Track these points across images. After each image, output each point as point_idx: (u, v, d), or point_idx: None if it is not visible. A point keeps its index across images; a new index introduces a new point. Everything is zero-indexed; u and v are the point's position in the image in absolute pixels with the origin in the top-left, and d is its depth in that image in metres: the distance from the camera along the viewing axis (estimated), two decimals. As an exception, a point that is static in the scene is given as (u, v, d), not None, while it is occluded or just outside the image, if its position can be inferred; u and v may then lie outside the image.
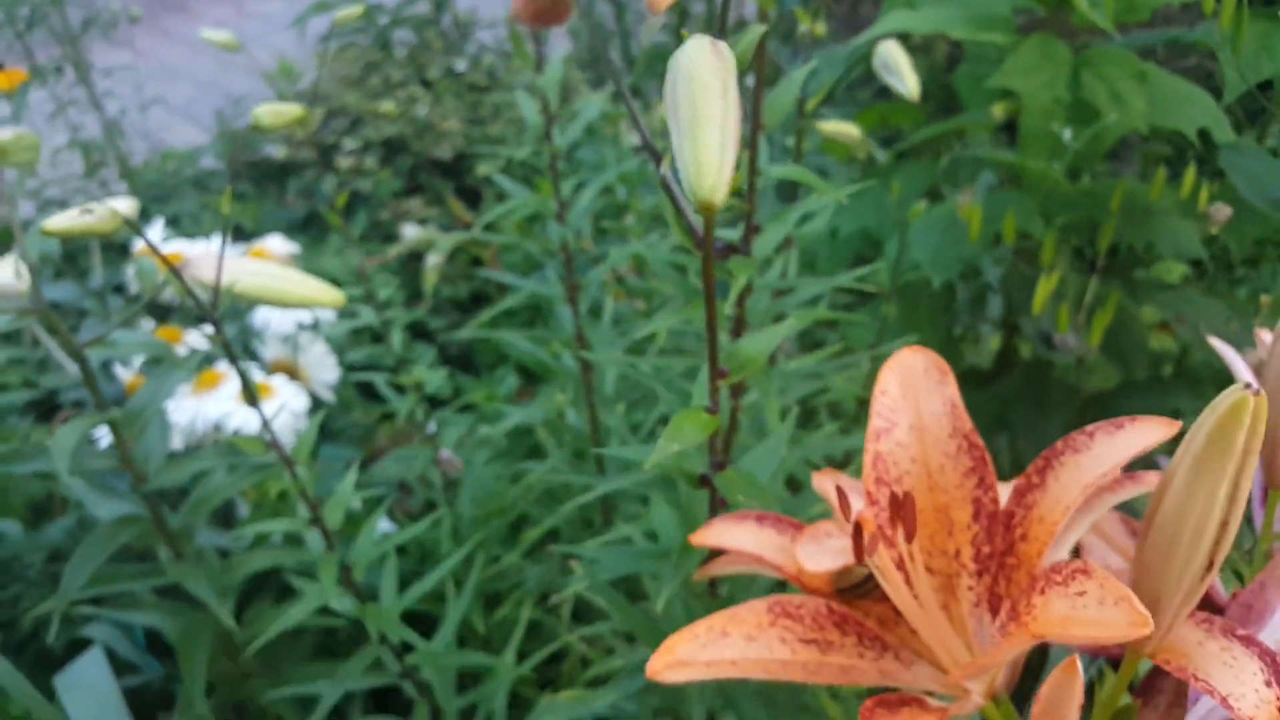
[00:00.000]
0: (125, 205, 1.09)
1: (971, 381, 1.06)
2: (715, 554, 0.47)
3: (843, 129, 0.82)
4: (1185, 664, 0.34)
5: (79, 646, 0.96)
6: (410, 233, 1.49)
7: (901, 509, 0.34)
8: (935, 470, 0.37)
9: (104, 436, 0.90)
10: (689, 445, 0.42)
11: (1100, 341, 0.89)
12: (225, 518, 1.03)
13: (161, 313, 1.28)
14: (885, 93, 1.36)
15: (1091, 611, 0.29)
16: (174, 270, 0.65)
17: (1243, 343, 0.89)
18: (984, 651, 0.35)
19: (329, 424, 1.22)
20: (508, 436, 1.18)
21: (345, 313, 1.20)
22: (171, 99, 2.60)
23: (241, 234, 1.95)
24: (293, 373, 1.11)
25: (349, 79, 2.16)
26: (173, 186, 2.24)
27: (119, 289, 1.35)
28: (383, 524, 1.08)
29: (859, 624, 0.37)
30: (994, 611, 0.35)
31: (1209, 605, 0.49)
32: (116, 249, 1.41)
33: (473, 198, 2.19)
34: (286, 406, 0.94)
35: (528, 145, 0.87)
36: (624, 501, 0.95)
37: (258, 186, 2.21)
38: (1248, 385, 0.30)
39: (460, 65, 2.30)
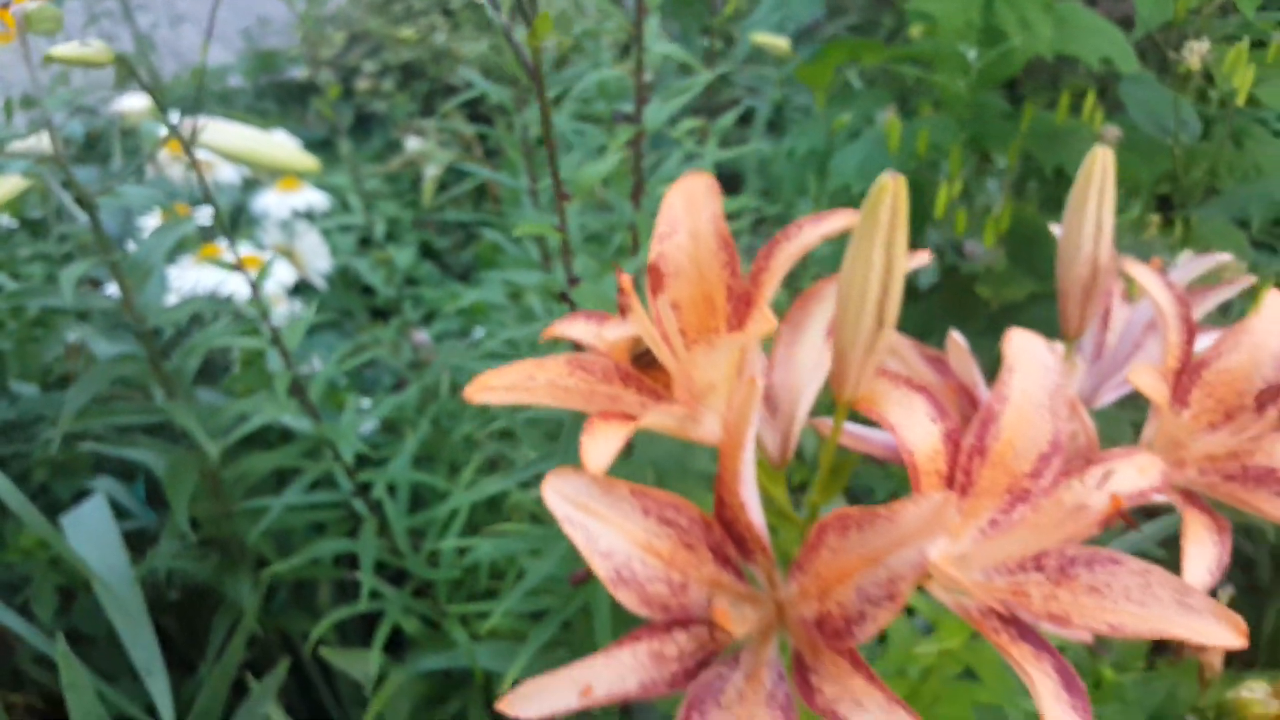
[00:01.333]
0: (140, 101, 1.21)
1: (907, 297, 1.16)
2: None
3: (773, 41, 0.91)
4: (873, 406, 0.45)
5: (86, 499, 1.09)
6: (412, 145, 1.60)
7: (663, 280, 0.45)
8: (704, 265, 0.48)
9: (114, 290, 1.02)
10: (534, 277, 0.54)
11: (1014, 254, 0.98)
12: (213, 376, 1.15)
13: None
14: (859, 29, 1.45)
15: (760, 324, 0.40)
16: (173, 129, 0.77)
17: (1142, 255, 0.98)
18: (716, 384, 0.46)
19: (324, 311, 1.33)
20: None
21: (339, 210, 1.31)
22: (201, 17, 2.71)
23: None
24: (290, 258, 1.23)
25: (373, 4, 2.27)
26: (197, 102, 2.36)
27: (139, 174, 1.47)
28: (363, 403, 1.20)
29: (639, 380, 0.48)
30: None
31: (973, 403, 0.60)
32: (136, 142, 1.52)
33: (488, 123, 2.29)
34: (274, 275, 1.06)
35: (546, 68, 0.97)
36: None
37: (281, 105, 2.32)
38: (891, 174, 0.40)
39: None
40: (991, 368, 0.69)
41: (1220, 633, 0.41)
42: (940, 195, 0.89)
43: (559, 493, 0.42)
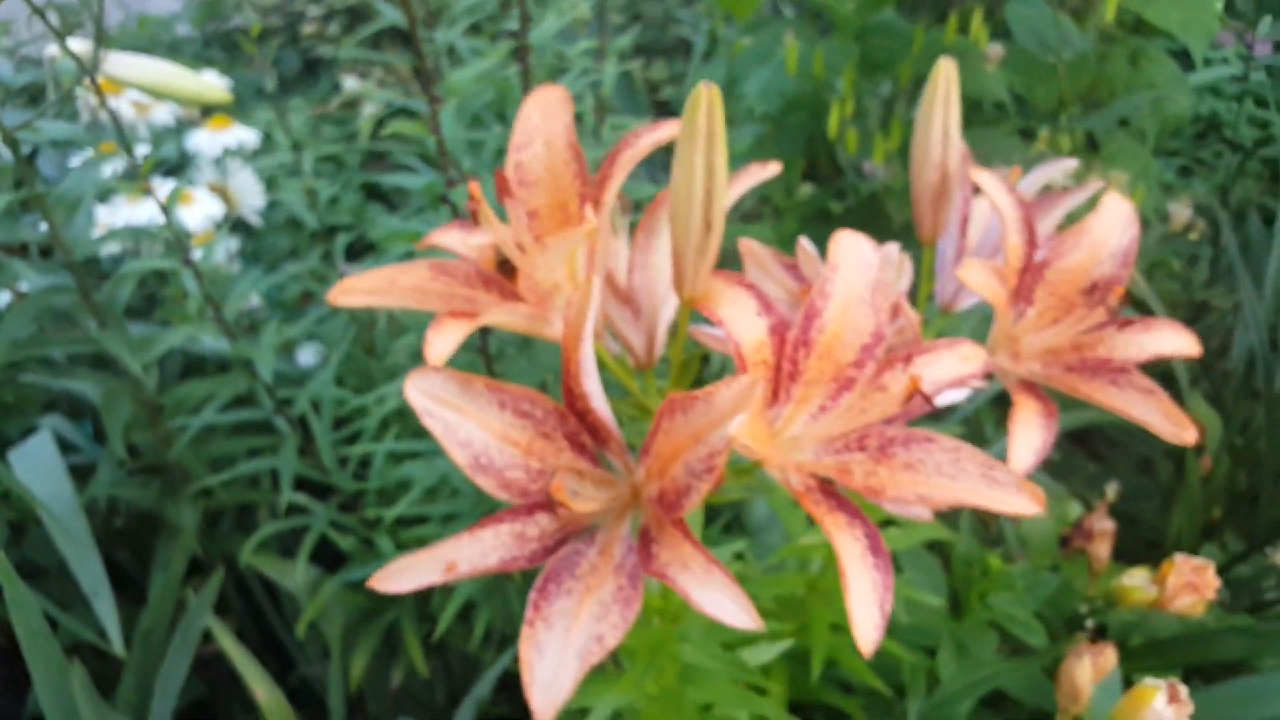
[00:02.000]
0: (82, 47, 1.23)
1: (821, 218, 1.20)
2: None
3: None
4: (708, 304, 0.49)
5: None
6: (349, 85, 1.61)
7: (521, 186, 0.49)
8: (558, 174, 0.52)
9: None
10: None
11: (898, 169, 1.02)
12: (147, 313, 1.18)
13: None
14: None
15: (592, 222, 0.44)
16: (77, 60, 0.79)
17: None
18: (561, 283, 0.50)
19: (259, 250, 1.36)
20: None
21: (269, 149, 1.33)
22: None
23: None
24: (224, 196, 1.25)
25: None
26: (146, 51, 2.35)
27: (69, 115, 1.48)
28: (309, 348, 1.23)
29: (501, 284, 0.52)
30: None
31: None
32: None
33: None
34: (204, 211, 1.08)
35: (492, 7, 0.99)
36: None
37: (228, 54, 2.31)
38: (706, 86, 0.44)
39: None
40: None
41: (1021, 502, 0.46)
42: (833, 115, 0.93)
43: (419, 389, 0.46)
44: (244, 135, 1.23)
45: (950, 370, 0.51)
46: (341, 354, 0.93)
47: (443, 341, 0.44)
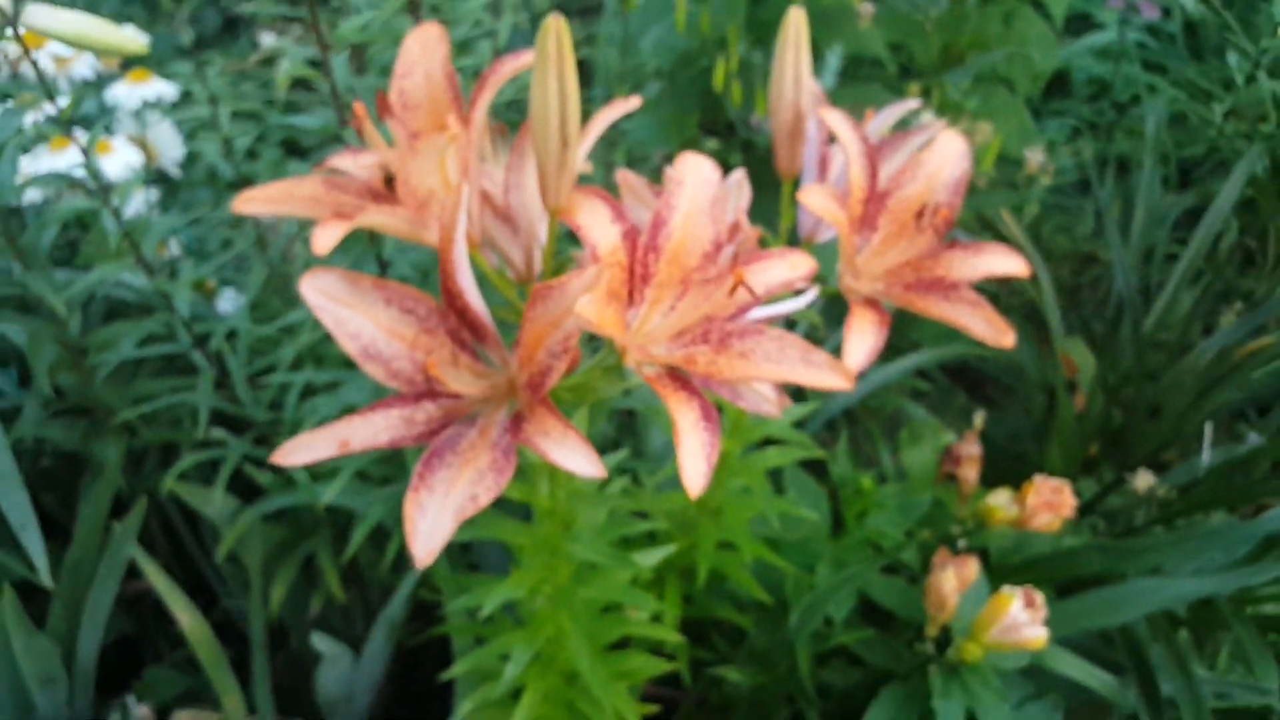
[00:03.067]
0: (-4, 0, 1.24)
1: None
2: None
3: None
4: (569, 215, 0.56)
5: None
6: (267, 41, 1.64)
7: (394, 107, 0.55)
8: (436, 99, 0.58)
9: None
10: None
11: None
12: (69, 261, 1.22)
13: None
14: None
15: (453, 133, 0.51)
16: (2, 14, 0.83)
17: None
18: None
19: (178, 202, 1.39)
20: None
21: (189, 101, 1.36)
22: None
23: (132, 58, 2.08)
24: (143, 147, 1.29)
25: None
26: (65, 6, 2.34)
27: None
28: (228, 294, 1.28)
29: (386, 196, 0.58)
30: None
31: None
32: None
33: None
34: (123, 160, 1.12)
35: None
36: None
37: (149, 11, 2.32)
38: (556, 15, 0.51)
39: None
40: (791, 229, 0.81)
41: (833, 378, 0.54)
42: (717, 71, 1.00)
43: (313, 286, 0.52)
44: (163, 88, 1.27)
45: (781, 274, 0.58)
46: (255, 291, 0.98)
47: (327, 236, 0.50)
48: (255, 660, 1.10)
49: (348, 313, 0.53)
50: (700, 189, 0.56)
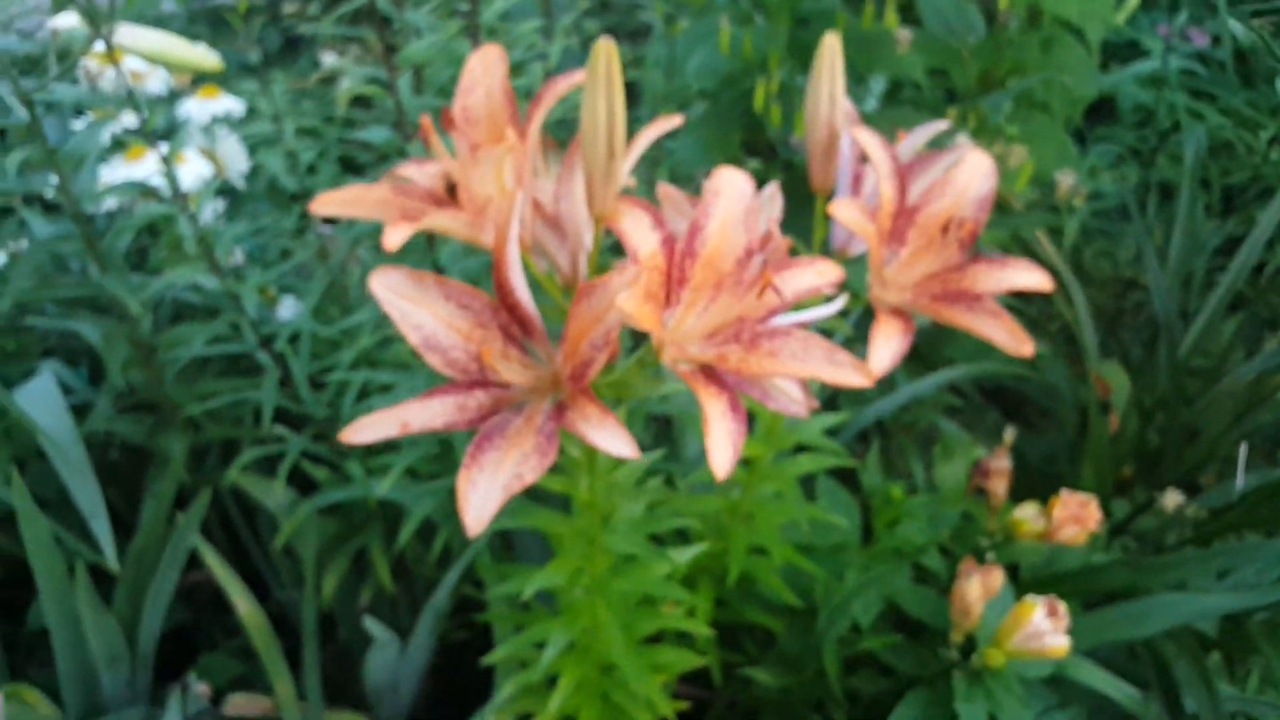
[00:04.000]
0: (69, 19, 1.33)
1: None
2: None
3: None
4: (613, 221, 0.61)
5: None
6: (328, 61, 1.72)
7: (459, 121, 0.60)
8: (495, 114, 0.63)
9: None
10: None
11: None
12: (139, 267, 1.29)
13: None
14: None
15: (503, 148, 0.55)
16: (93, 25, 0.90)
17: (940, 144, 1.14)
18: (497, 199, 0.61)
19: (242, 213, 1.46)
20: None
21: (254, 117, 1.43)
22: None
23: (200, 76, 2.18)
24: (212, 159, 1.36)
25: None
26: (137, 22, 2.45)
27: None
28: (288, 302, 1.34)
29: (450, 202, 0.63)
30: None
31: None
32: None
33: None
34: (194, 170, 1.19)
35: None
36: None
37: (213, 30, 2.42)
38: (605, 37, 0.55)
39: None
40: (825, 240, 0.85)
41: (855, 377, 0.57)
42: (758, 92, 1.05)
43: (381, 282, 0.58)
44: (231, 104, 1.34)
45: (809, 280, 0.62)
46: (316, 297, 1.04)
47: (396, 234, 0.55)
48: (306, 649, 1.15)
49: (411, 307, 0.58)
50: (734, 200, 0.60)
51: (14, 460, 1.33)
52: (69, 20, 1.36)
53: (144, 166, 1.21)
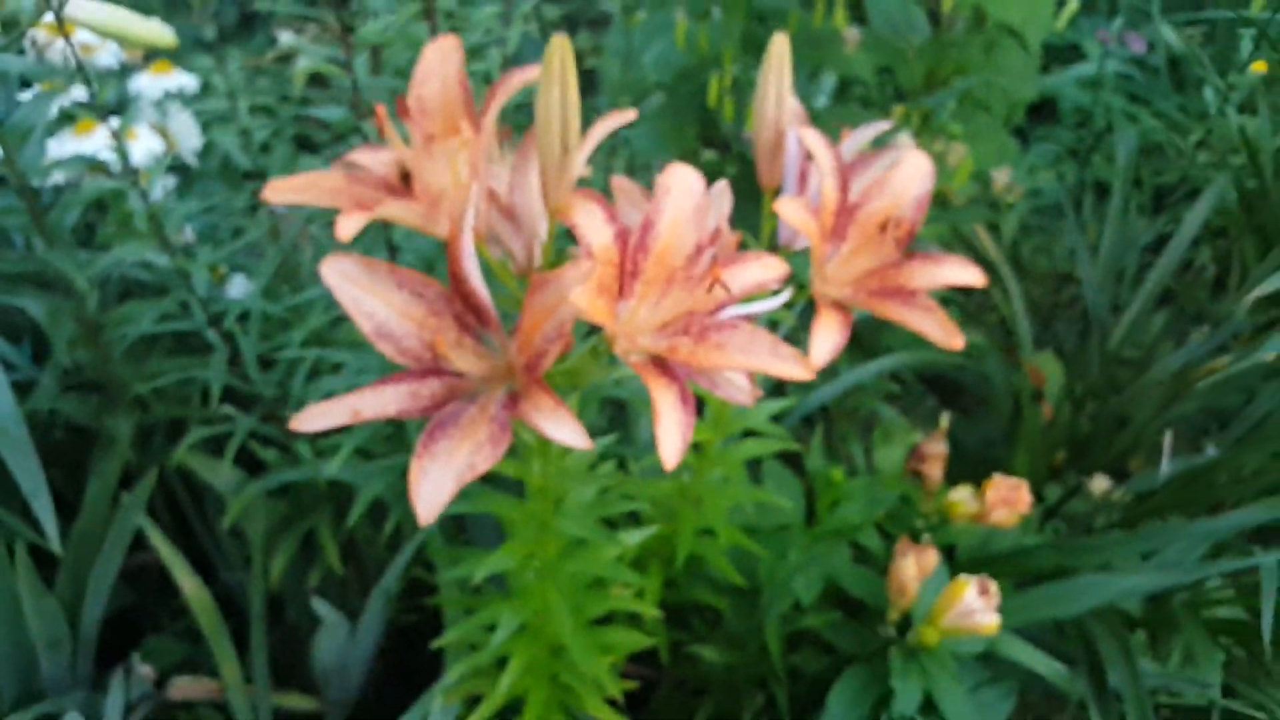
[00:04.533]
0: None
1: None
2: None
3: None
4: (567, 215, 0.62)
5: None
6: (284, 39, 1.70)
7: (413, 111, 0.61)
8: (450, 105, 0.64)
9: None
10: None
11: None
12: (87, 243, 1.28)
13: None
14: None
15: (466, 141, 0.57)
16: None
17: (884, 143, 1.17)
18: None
19: (194, 191, 1.45)
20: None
21: (208, 93, 1.42)
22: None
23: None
24: (164, 135, 1.35)
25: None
26: None
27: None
28: (238, 280, 1.34)
29: (402, 191, 0.64)
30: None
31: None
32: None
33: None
34: (145, 146, 1.18)
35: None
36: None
37: (168, 4, 2.38)
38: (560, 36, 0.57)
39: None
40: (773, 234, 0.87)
41: (797, 369, 0.60)
42: (712, 87, 1.06)
43: (334, 269, 0.59)
44: (184, 80, 1.32)
45: (756, 275, 0.64)
46: (267, 276, 1.04)
47: (349, 224, 0.56)
48: (254, 630, 1.16)
49: (363, 295, 0.59)
50: (685, 196, 0.62)
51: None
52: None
53: (94, 141, 1.20)
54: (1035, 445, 1.45)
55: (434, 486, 0.57)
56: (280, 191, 0.60)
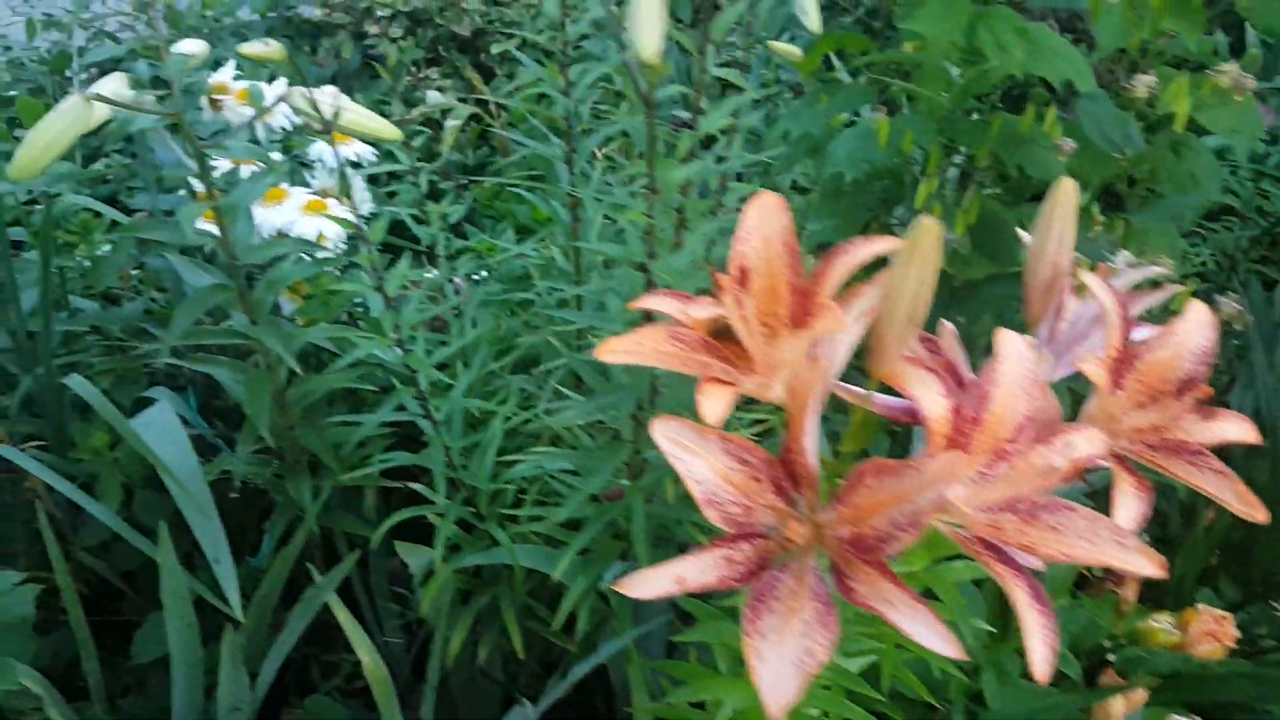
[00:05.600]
0: (195, 47, 1.32)
1: (877, 265, 1.32)
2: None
3: (786, 49, 1.07)
4: (899, 381, 0.61)
5: (143, 407, 1.22)
6: (433, 98, 1.71)
7: (750, 278, 0.60)
8: (773, 264, 0.63)
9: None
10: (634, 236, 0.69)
11: (977, 240, 1.14)
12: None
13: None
14: (850, 19, 1.59)
15: (826, 322, 0.56)
16: (314, 105, 0.90)
17: (1085, 249, 1.14)
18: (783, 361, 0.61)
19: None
20: (503, 282, 1.43)
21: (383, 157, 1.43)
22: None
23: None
24: (338, 200, 1.35)
25: (385, -50, 2.35)
26: (212, 33, 2.43)
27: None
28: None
29: (719, 350, 0.63)
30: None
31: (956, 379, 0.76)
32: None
33: (486, 74, 2.40)
34: (340, 217, 1.18)
35: (543, 30, 1.11)
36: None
37: (292, 43, 2.40)
38: (935, 222, 0.55)
39: (484, -53, 2.48)
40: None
41: (1147, 566, 0.58)
42: (921, 190, 1.05)
43: (665, 434, 0.58)
44: (361, 149, 1.33)
45: (1081, 450, 0.62)
46: (476, 373, 1.04)
47: (712, 405, 0.55)
48: (425, 701, 1.16)
49: (693, 460, 0.58)
50: (1018, 365, 0.61)
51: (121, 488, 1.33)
52: (194, 46, 1.35)
53: (283, 212, 1.21)
54: (1196, 551, 1.41)
55: (775, 676, 0.55)
56: (616, 353, 0.59)
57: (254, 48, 1.10)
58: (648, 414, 0.90)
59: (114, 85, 1.07)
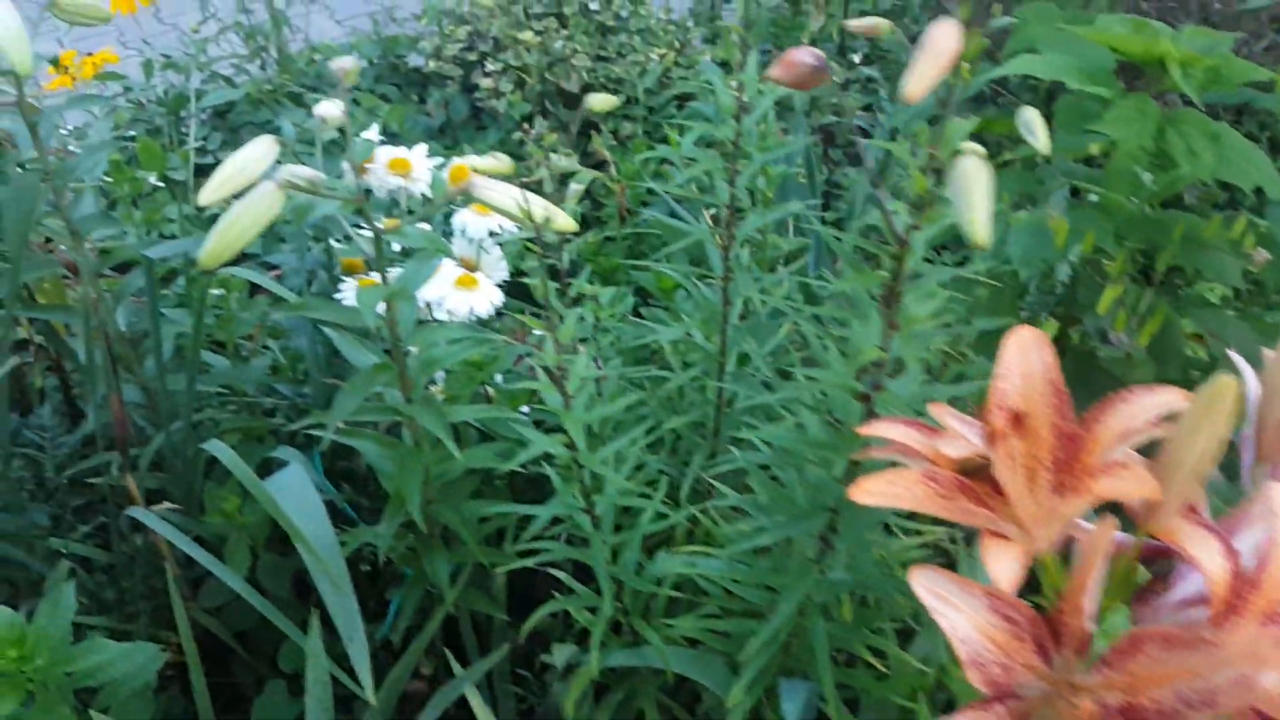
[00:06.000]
0: (333, 110, 1.32)
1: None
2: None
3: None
4: (1175, 538, 0.58)
5: (268, 467, 1.21)
6: (560, 162, 1.70)
7: (1019, 421, 0.57)
8: (1034, 403, 0.60)
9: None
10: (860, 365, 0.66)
11: (1151, 346, 1.11)
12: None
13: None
14: (995, 103, 1.57)
15: (1127, 484, 0.53)
16: (472, 185, 0.89)
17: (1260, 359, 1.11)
18: (1050, 512, 0.58)
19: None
20: (626, 351, 1.41)
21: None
22: (332, 2, 2.82)
23: (389, 135, 2.18)
24: (473, 269, 1.34)
25: (496, 4, 2.37)
26: (322, 78, 2.46)
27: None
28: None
29: (973, 491, 0.60)
30: (1060, 494, 0.59)
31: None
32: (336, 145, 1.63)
33: (587, 127, 2.40)
34: (487, 293, 1.18)
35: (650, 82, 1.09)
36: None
37: (400, 91, 2.42)
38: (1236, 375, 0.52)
39: (593, 3, 2.50)
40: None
41: None
42: (1106, 294, 1.02)
43: (925, 586, 0.55)
44: (504, 222, 1.32)
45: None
46: (631, 463, 1.02)
47: (1004, 568, 0.53)
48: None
49: (958, 617, 0.55)
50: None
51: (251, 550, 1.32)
52: (333, 110, 1.35)
53: (435, 285, 1.20)
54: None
55: None
56: (869, 495, 0.56)
57: (486, 162, 1.10)
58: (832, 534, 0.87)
59: (265, 147, 1.05)
